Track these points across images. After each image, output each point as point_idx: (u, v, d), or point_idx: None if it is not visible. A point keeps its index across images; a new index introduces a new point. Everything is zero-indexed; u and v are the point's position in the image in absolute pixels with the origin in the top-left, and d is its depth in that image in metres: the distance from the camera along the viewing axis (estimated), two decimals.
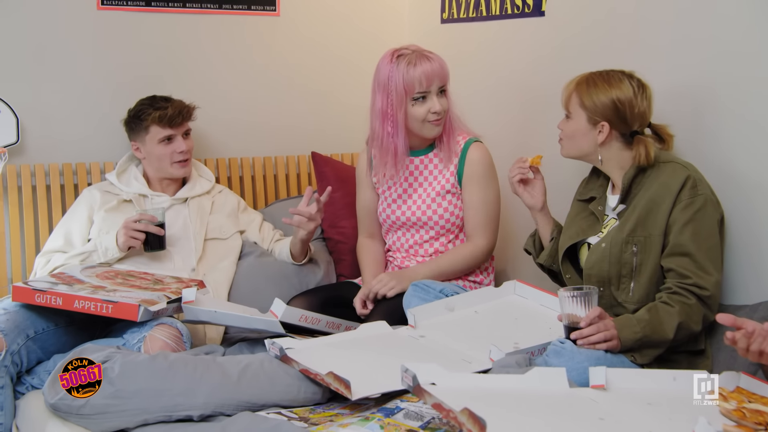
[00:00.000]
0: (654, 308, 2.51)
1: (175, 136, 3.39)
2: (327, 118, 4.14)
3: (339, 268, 3.66)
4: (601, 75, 2.71)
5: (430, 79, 3.09)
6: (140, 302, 2.80)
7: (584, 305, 2.41)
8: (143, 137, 3.39)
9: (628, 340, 2.45)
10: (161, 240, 3.23)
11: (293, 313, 2.84)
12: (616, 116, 2.66)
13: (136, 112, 3.40)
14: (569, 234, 2.83)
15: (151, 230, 3.19)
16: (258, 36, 3.98)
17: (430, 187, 3.23)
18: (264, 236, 3.57)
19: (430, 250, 3.26)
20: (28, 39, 3.54)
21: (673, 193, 2.59)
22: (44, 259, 3.28)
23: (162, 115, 3.35)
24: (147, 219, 3.20)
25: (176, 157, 3.39)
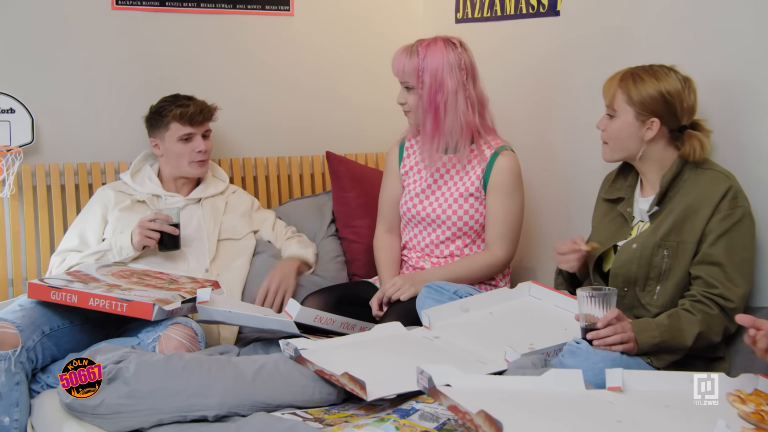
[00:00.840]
0: (675, 314, 2.49)
1: (195, 135, 3.39)
2: (341, 118, 4.13)
3: (353, 268, 3.65)
4: (644, 69, 2.63)
5: (394, 70, 3.21)
6: (155, 301, 2.80)
7: (602, 306, 2.39)
8: (163, 134, 3.39)
9: (646, 344, 2.43)
10: (176, 240, 3.23)
11: (308, 313, 2.83)
12: (666, 111, 2.59)
13: (158, 108, 3.41)
14: (599, 239, 2.77)
15: (165, 230, 3.19)
16: (272, 36, 3.97)
17: (454, 187, 3.22)
18: (277, 234, 3.57)
19: (446, 251, 3.25)
20: (43, 39, 3.55)
21: (713, 202, 2.54)
22: (59, 258, 3.28)
23: (183, 113, 3.35)
24: (162, 219, 3.20)
25: (194, 156, 3.39)
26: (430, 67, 3.11)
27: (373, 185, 3.63)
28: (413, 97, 3.16)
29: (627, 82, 2.62)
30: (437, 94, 3.12)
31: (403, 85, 3.19)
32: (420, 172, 3.30)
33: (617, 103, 2.64)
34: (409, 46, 3.17)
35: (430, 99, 3.13)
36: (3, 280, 3.45)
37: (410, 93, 3.17)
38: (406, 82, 3.16)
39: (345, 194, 3.74)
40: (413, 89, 3.16)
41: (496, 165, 3.16)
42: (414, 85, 3.14)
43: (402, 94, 3.20)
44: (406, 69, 3.14)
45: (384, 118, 4.01)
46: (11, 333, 2.75)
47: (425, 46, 3.13)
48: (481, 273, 3.19)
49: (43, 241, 3.49)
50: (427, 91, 3.12)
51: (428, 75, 3.11)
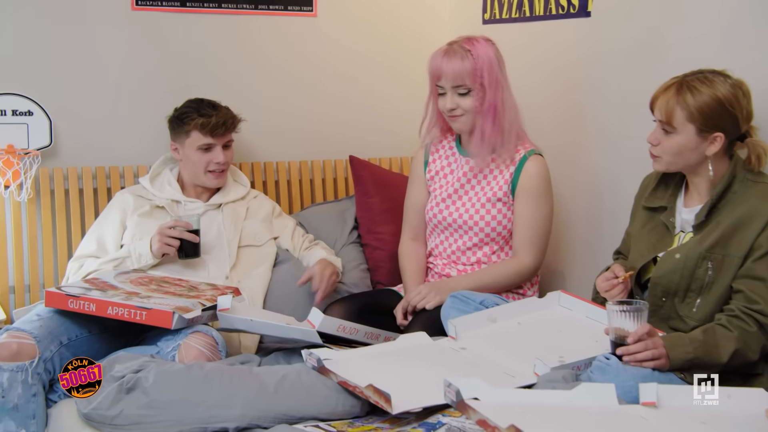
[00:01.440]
0: (711, 330, 2.45)
1: (215, 146, 3.39)
2: (365, 122, 4.13)
3: (377, 276, 3.65)
4: (697, 78, 2.55)
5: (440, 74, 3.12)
6: (174, 309, 2.79)
7: (633, 320, 2.36)
8: (183, 140, 3.39)
9: (678, 360, 2.39)
10: (196, 247, 3.23)
11: (331, 323, 2.81)
12: (728, 122, 2.52)
13: (181, 113, 3.41)
14: (640, 250, 2.73)
15: (185, 237, 3.19)
16: (294, 37, 3.97)
17: (481, 192, 3.21)
18: (295, 244, 3.57)
19: (473, 258, 3.23)
20: (61, 40, 3.56)
21: (764, 217, 2.49)
22: (77, 264, 3.28)
23: (205, 123, 3.35)
24: (182, 226, 3.20)
25: (211, 167, 3.40)
26: (486, 65, 3.08)
27: (397, 190, 3.63)
28: (469, 101, 3.11)
29: (684, 96, 2.52)
30: (495, 93, 3.10)
31: (456, 89, 3.12)
32: (446, 176, 3.28)
33: (676, 120, 2.54)
34: (452, 49, 3.11)
35: (490, 99, 3.10)
36: (20, 286, 3.47)
37: (464, 96, 3.11)
38: (463, 85, 3.10)
39: (368, 200, 3.73)
40: (469, 92, 3.11)
41: (524, 169, 3.15)
42: (472, 87, 3.10)
43: (452, 99, 3.13)
44: (464, 72, 3.08)
45: (409, 121, 3.98)
46: (28, 344, 2.74)
47: (471, 45, 3.10)
48: (508, 281, 3.18)
49: (60, 246, 3.51)
50: (487, 91, 3.09)
51: (486, 74, 3.08)
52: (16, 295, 3.47)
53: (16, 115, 3.45)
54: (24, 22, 3.50)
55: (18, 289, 3.47)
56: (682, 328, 2.56)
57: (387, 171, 3.94)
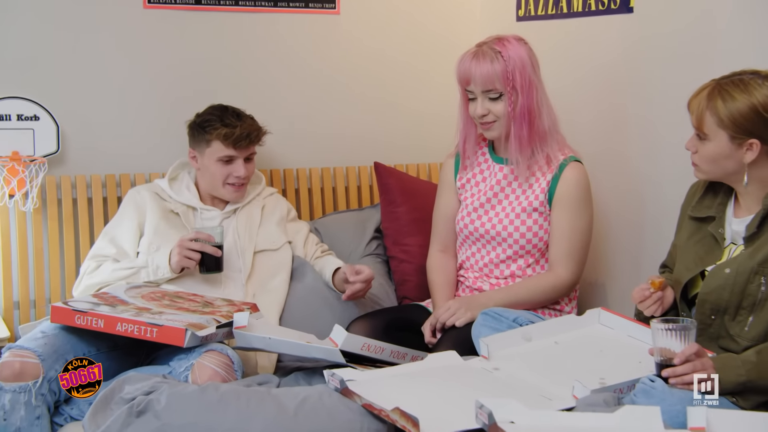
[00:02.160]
0: (765, 350, 2.41)
1: (236, 158, 3.39)
2: (391, 126, 4.13)
3: (403, 290, 3.63)
4: (733, 82, 2.51)
5: (469, 78, 3.10)
6: (187, 326, 2.79)
7: (680, 340, 2.33)
8: (203, 149, 3.39)
9: (730, 383, 2.35)
10: (218, 261, 3.23)
11: (355, 341, 2.80)
12: (765, 129, 2.48)
13: (203, 121, 3.40)
14: (686, 264, 2.70)
15: (207, 251, 3.20)
16: (316, 36, 3.98)
17: (516, 201, 3.19)
18: (307, 251, 3.57)
19: (506, 271, 3.22)
20: (69, 41, 3.58)
21: None
22: (94, 263, 3.30)
23: (228, 134, 3.35)
24: (203, 238, 3.20)
25: (231, 180, 3.40)
26: (518, 67, 3.06)
27: (425, 199, 3.61)
28: (501, 106, 3.09)
29: (715, 102, 2.50)
30: (529, 96, 3.08)
31: (486, 93, 3.10)
32: (479, 184, 3.27)
33: (707, 125, 2.53)
34: (481, 51, 3.09)
35: (524, 103, 3.08)
36: (25, 302, 3.48)
37: (495, 101, 3.10)
38: (494, 89, 3.08)
39: (395, 209, 3.72)
40: (501, 96, 3.09)
41: (563, 177, 3.13)
42: (503, 91, 3.08)
43: (482, 104, 3.11)
44: (495, 75, 3.06)
45: (438, 125, 4.00)
46: (32, 363, 2.74)
47: (502, 46, 3.08)
48: (544, 296, 3.16)
49: (68, 259, 3.52)
50: (520, 94, 3.08)
51: (518, 77, 3.06)
52: (20, 310, 3.48)
53: (22, 120, 3.47)
54: (29, 21, 3.52)
55: (23, 305, 3.48)
56: (733, 349, 2.52)
57: (414, 178, 3.93)
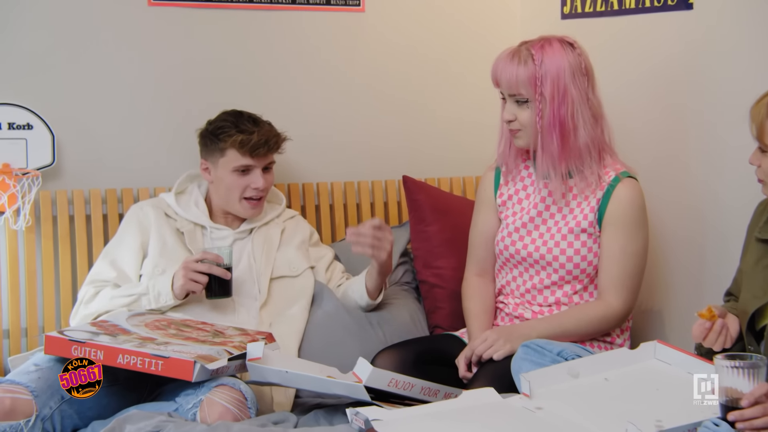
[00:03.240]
0: None
1: (254, 168, 3.39)
2: (422, 135, 4.13)
3: (435, 318, 3.62)
4: None
5: (497, 79, 3.13)
6: (196, 358, 2.78)
7: (748, 378, 2.30)
8: (216, 159, 3.39)
9: None
10: (227, 285, 3.22)
11: (381, 376, 2.79)
12: None
13: (216, 128, 3.40)
14: (753, 291, 2.67)
15: (215, 273, 3.18)
16: (339, 36, 3.99)
17: (563, 221, 3.17)
18: (331, 278, 3.57)
19: (551, 299, 3.20)
20: (66, 42, 3.59)
21: None
22: (93, 288, 3.30)
23: (244, 141, 3.34)
24: (211, 259, 3.19)
25: (249, 192, 3.39)
26: (550, 73, 3.06)
27: (460, 217, 3.61)
28: (527, 113, 3.10)
29: None
30: (561, 106, 3.07)
31: (513, 98, 3.12)
32: (521, 202, 3.26)
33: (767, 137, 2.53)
34: (516, 51, 3.11)
35: (554, 113, 3.07)
36: (16, 330, 3.48)
37: (522, 107, 3.11)
38: (519, 94, 3.10)
39: (425, 228, 3.71)
40: (527, 102, 3.10)
41: (615, 195, 3.11)
42: (530, 97, 3.09)
43: (510, 109, 3.14)
44: (520, 78, 3.07)
45: (474, 135, 4.00)
46: (24, 399, 2.74)
47: (539, 48, 3.08)
48: (592, 327, 3.13)
49: (63, 282, 3.52)
50: (549, 103, 3.07)
51: (549, 84, 3.06)
52: (11, 340, 3.48)
53: (13, 128, 3.48)
54: (22, 21, 3.53)
55: (13, 334, 3.48)
56: None
57: (447, 194, 3.93)
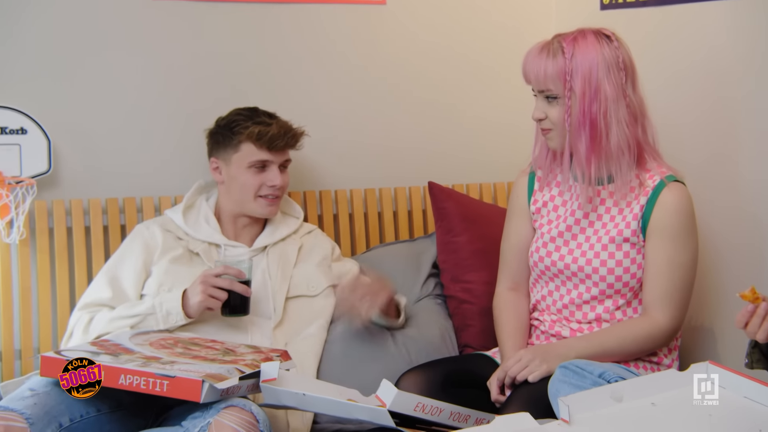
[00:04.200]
0: None
1: (271, 163, 3.41)
2: (449, 138, 4.14)
3: (465, 337, 3.62)
4: None
5: (527, 74, 3.13)
6: (204, 377, 2.77)
7: None
8: (230, 155, 3.41)
9: None
10: (246, 302, 3.23)
11: (407, 400, 2.78)
12: None
13: (230, 122, 3.43)
14: None
15: (236, 289, 3.19)
16: (359, 31, 4.01)
17: (603, 229, 3.16)
18: None
19: (590, 315, 3.18)
20: (63, 41, 3.60)
21: None
22: (86, 314, 3.29)
23: (262, 132, 3.37)
24: (232, 274, 3.19)
25: (264, 190, 3.41)
26: (581, 68, 3.06)
27: (491, 227, 3.61)
28: (557, 110, 3.11)
29: None
30: (592, 103, 3.06)
31: (543, 94, 3.13)
32: (557, 209, 3.25)
33: None
34: (547, 44, 3.12)
35: (584, 110, 3.07)
36: (9, 352, 3.48)
37: (552, 104, 3.12)
38: (548, 90, 3.10)
39: (453, 239, 3.72)
40: (557, 99, 3.10)
41: (660, 201, 3.09)
42: (559, 93, 3.09)
43: (540, 106, 3.15)
44: (548, 73, 3.08)
45: (507, 137, 3.99)
46: (19, 427, 2.72)
47: (571, 41, 3.08)
48: (636, 346, 3.12)
49: (61, 300, 3.52)
50: (579, 100, 3.07)
51: (579, 79, 3.06)
52: (4, 363, 3.48)
53: (6, 133, 3.48)
54: (18, 19, 3.54)
55: (6, 356, 3.48)
56: None
57: (477, 201, 3.93)
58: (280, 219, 3.55)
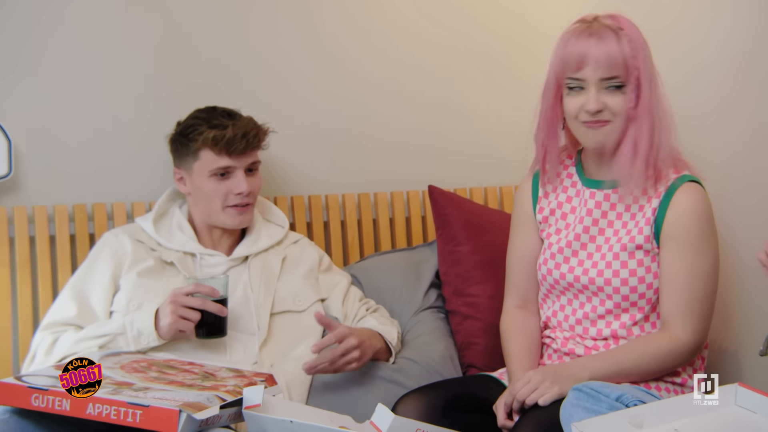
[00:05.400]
0: None
1: (234, 169, 3.39)
2: (450, 138, 4.16)
3: (468, 356, 3.62)
4: None
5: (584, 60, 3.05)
6: (182, 406, 2.76)
7: None
8: (190, 164, 3.40)
9: None
10: (222, 323, 3.22)
11: (405, 426, 2.78)
12: None
13: (185, 127, 3.42)
14: None
15: (209, 309, 3.18)
16: (351, 20, 4.02)
17: (614, 237, 3.15)
18: (348, 310, 3.56)
19: (606, 331, 3.17)
20: (24, 32, 3.59)
21: None
22: (51, 335, 3.28)
23: (218, 137, 3.35)
24: (205, 293, 3.18)
25: (232, 199, 3.40)
26: (642, 52, 3.06)
27: (497, 235, 3.59)
28: (620, 99, 3.07)
29: None
30: (652, 91, 3.07)
31: (605, 82, 3.07)
32: (566, 216, 3.24)
33: None
34: (597, 26, 3.06)
35: (648, 100, 3.06)
36: None
37: (614, 93, 3.07)
38: (615, 77, 3.05)
39: (456, 248, 3.72)
40: (621, 88, 3.07)
41: (673, 203, 3.08)
42: (626, 80, 3.06)
43: (597, 95, 3.07)
44: (620, 58, 3.03)
45: (513, 136, 3.97)
46: None
47: (617, 21, 3.07)
48: (656, 364, 3.10)
49: (23, 317, 3.50)
50: (644, 88, 3.06)
51: (642, 64, 3.06)
52: None
53: None
54: None
55: None
56: None
57: (482, 207, 3.94)
58: (262, 226, 3.55)
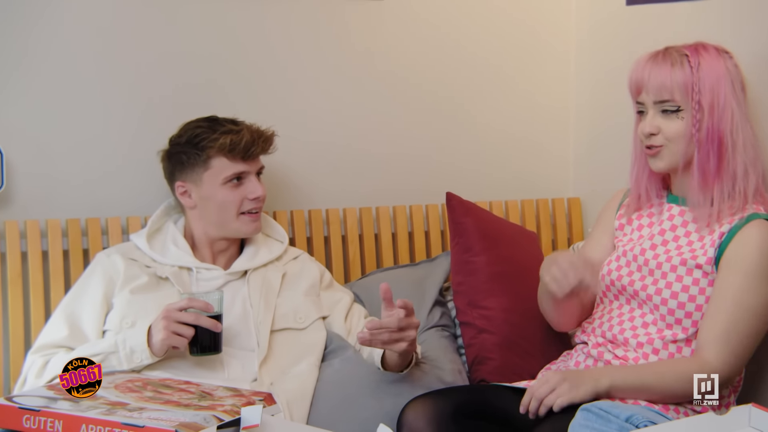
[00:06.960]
0: None
1: (248, 174, 3.42)
2: (462, 149, 4.17)
3: (481, 372, 3.62)
4: None
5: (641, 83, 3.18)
6: (177, 427, 2.76)
7: None
8: (200, 175, 3.41)
9: None
10: (216, 339, 3.22)
11: None
12: None
13: (192, 137, 3.42)
14: None
15: (203, 324, 3.18)
16: (355, 28, 4.02)
17: (675, 251, 3.20)
18: (351, 327, 3.57)
19: (642, 338, 3.19)
20: (18, 42, 3.59)
21: None
22: (41, 358, 3.29)
23: (234, 141, 3.37)
24: (198, 308, 3.19)
25: (247, 205, 3.42)
26: (708, 80, 3.13)
27: (514, 248, 3.65)
28: (675, 125, 3.16)
29: None
30: (721, 118, 3.14)
31: (661, 105, 3.17)
32: (641, 228, 3.32)
33: None
34: (663, 53, 3.18)
35: (713, 126, 3.13)
36: None
37: (670, 118, 3.17)
38: (671, 100, 3.15)
39: (471, 258, 3.72)
40: (678, 112, 3.15)
41: (741, 234, 3.12)
42: (684, 105, 3.15)
43: (653, 119, 3.18)
44: (673, 82, 3.13)
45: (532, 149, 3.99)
46: None
47: (694, 51, 3.15)
48: (678, 387, 3.08)
49: (14, 336, 3.50)
50: (708, 114, 3.13)
51: (708, 91, 3.13)
52: None
53: None
54: None
55: None
56: None
57: (501, 219, 3.94)
58: (261, 241, 3.55)
